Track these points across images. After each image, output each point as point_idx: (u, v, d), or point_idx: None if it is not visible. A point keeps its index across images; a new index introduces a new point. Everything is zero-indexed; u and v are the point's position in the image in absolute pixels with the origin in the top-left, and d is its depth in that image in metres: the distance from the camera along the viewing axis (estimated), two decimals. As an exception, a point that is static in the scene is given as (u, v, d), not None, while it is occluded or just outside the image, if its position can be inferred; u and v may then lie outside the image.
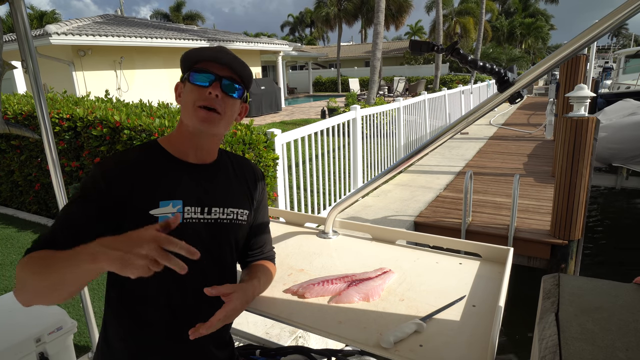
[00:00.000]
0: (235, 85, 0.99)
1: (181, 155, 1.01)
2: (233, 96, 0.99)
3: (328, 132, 4.32)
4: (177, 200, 0.95)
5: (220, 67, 0.97)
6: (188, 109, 0.97)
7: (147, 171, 0.95)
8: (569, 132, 3.70)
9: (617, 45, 54.01)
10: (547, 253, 3.95)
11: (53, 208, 4.37)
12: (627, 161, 7.09)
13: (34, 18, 28.21)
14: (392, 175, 1.42)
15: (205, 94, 0.95)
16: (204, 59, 0.97)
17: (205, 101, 0.95)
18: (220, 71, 0.97)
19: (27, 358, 1.45)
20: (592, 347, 0.62)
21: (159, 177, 0.96)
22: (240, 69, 0.99)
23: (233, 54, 1.00)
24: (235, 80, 0.99)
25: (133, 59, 11.73)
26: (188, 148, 1.01)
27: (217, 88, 0.96)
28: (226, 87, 0.97)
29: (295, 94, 27.51)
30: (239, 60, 1.00)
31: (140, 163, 0.96)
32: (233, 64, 0.98)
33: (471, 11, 30.23)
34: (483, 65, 1.04)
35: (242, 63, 1.00)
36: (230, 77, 0.98)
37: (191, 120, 0.97)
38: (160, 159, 0.99)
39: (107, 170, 0.92)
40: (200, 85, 0.96)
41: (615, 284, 0.81)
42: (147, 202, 0.92)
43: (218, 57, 0.97)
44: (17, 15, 1.41)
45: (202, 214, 0.99)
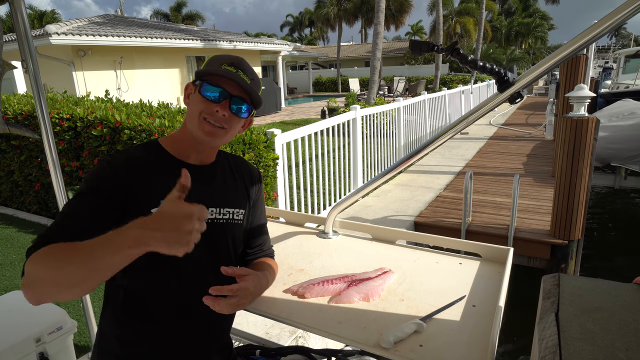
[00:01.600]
0: (244, 106, 0.98)
1: (182, 156, 1.01)
2: (239, 115, 0.99)
3: (328, 132, 4.32)
4: None
5: (233, 85, 0.96)
6: (194, 118, 0.97)
7: (149, 169, 0.96)
8: (569, 132, 3.70)
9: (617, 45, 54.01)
10: (547, 253, 3.95)
11: (53, 208, 4.37)
12: (625, 161, 7.09)
13: (34, 18, 28.20)
14: (392, 175, 1.42)
15: (213, 109, 0.95)
16: (219, 74, 0.95)
17: (212, 116, 0.95)
18: (232, 89, 0.96)
19: (27, 358, 1.45)
20: (592, 347, 0.62)
21: (160, 177, 0.96)
22: (253, 88, 0.98)
23: (250, 68, 1.00)
24: (245, 100, 0.98)
25: (133, 59, 11.72)
26: (189, 151, 1.02)
27: (225, 107, 0.96)
28: (235, 107, 0.97)
29: (295, 94, 27.50)
30: (254, 77, 0.99)
31: (144, 161, 0.97)
32: (246, 86, 0.96)
33: (471, 11, 30.23)
34: (483, 65, 1.04)
35: (257, 83, 1.00)
36: (241, 97, 0.97)
37: (195, 130, 0.97)
38: (161, 159, 0.99)
39: (114, 161, 0.93)
40: (209, 100, 0.95)
41: (615, 284, 0.81)
42: (148, 202, 0.92)
43: (233, 76, 0.95)
44: (17, 15, 1.41)
45: None
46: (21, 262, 3.40)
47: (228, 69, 0.96)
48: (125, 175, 0.92)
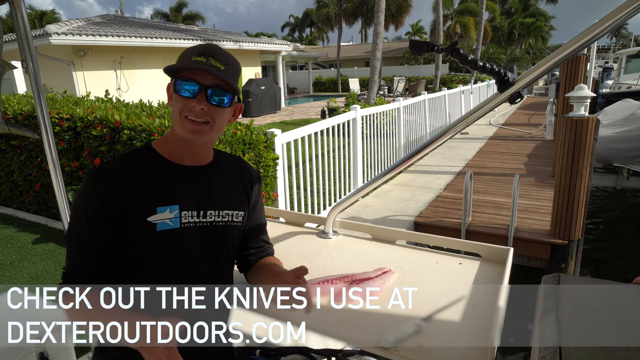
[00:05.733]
0: (222, 94, 0.93)
1: (176, 159, 0.99)
2: (221, 105, 0.94)
3: (328, 132, 4.31)
4: (174, 206, 0.95)
5: (205, 75, 0.91)
6: (176, 118, 0.94)
7: (142, 178, 0.94)
8: (569, 132, 3.70)
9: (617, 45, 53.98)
10: (547, 253, 3.95)
11: (53, 208, 4.37)
12: (627, 161, 7.08)
13: (34, 18, 28.17)
14: (392, 175, 1.42)
15: (190, 105, 0.91)
16: (189, 67, 0.91)
17: (191, 112, 0.92)
18: (204, 79, 0.91)
19: (27, 358, 1.45)
20: (592, 347, 0.62)
21: (154, 183, 0.95)
22: (227, 73, 0.92)
23: (223, 53, 0.94)
24: (222, 87, 0.93)
25: (133, 59, 11.72)
26: (182, 152, 0.99)
27: (202, 100, 0.91)
28: (212, 97, 0.92)
29: (295, 94, 27.49)
30: (229, 61, 0.94)
31: (135, 170, 0.95)
32: (219, 73, 0.90)
33: (471, 11, 30.21)
34: (483, 65, 1.04)
35: (233, 67, 0.94)
36: (217, 85, 0.92)
37: (180, 130, 0.94)
38: (155, 164, 0.98)
39: (103, 181, 0.92)
40: (185, 97, 0.92)
41: (615, 284, 0.81)
42: (145, 209, 0.92)
43: (204, 66, 0.90)
44: (17, 15, 1.41)
45: (198, 217, 0.99)
46: (21, 261, 3.41)
47: (198, 59, 0.91)
48: (114, 191, 0.91)
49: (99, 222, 0.91)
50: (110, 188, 0.91)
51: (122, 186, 0.92)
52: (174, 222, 0.95)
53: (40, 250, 3.62)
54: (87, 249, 0.92)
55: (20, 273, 3.24)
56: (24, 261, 3.42)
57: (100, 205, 0.90)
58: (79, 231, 0.92)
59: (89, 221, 0.91)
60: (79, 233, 0.92)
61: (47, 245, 3.70)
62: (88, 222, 0.91)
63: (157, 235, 0.93)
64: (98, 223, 0.91)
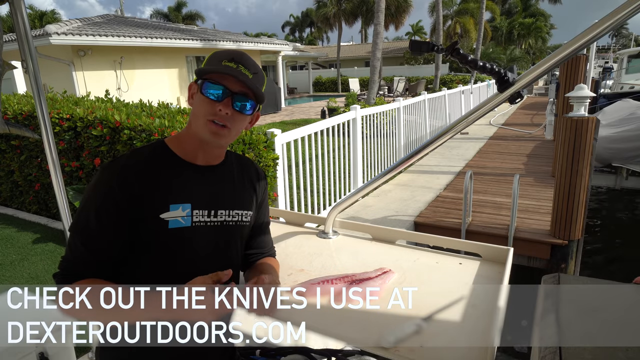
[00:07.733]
0: (246, 101, 0.96)
1: (189, 157, 1.00)
2: (243, 112, 0.97)
3: (328, 132, 4.31)
4: (187, 204, 0.96)
5: (234, 81, 0.93)
6: (198, 119, 0.96)
7: (156, 174, 0.95)
8: (569, 132, 3.70)
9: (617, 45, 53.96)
10: (547, 253, 3.95)
11: (53, 208, 4.37)
12: (626, 161, 7.09)
13: (34, 18, 28.16)
14: (392, 175, 1.42)
15: (216, 109, 0.93)
16: (219, 71, 0.93)
17: (215, 116, 0.94)
18: (233, 85, 0.94)
19: (27, 358, 1.45)
20: (592, 347, 0.62)
21: (168, 180, 0.95)
22: (255, 83, 0.95)
23: (252, 62, 0.97)
24: (248, 96, 0.96)
25: (133, 59, 11.72)
26: (196, 151, 1.00)
27: (228, 106, 0.94)
28: (238, 104, 0.95)
29: (295, 94, 27.49)
30: (257, 71, 0.97)
31: (150, 166, 0.95)
32: (248, 81, 0.93)
33: (471, 11, 30.21)
34: (483, 65, 1.04)
35: (260, 77, 0.97)
36: (243, 93, 0.95)
37: (201, 131, 0.96)
38: (168, 161, 0.98)
39: (119, 175, 0.92)
40: (211, 99, 0.94)
41: (615, 284, 0.81)
42: (157, 206, 0.93)
43: (234, 72, 0.92)
44: (17, 15, 1.41)
45: (209, 216, 0.99)
46: (21, 261, 3.41)
47: (228, 65, 0.93)
48: (129, 185, 0.91)
49: (109, 216, 0.90)
50: (125, 182, 0.91)
51: (138, 181, 0.92)
52: (185, 221, 0.95)
53: (40, 250, 3.62)
54: (92, 241, 0.91)
55: (20, 273, 3.24)
56: (24, 261, 3.42)
57: (113, 199, 0.90)
58: (86, 222, 0.91)
59: (99, 213, 0.91)
60: (86, 224, 0.91)
61: (47, 245, 3.70)
62: (98, 214, 0.91)
63: (169, 232, 0.94)
64: (108, 216, 0.90)
